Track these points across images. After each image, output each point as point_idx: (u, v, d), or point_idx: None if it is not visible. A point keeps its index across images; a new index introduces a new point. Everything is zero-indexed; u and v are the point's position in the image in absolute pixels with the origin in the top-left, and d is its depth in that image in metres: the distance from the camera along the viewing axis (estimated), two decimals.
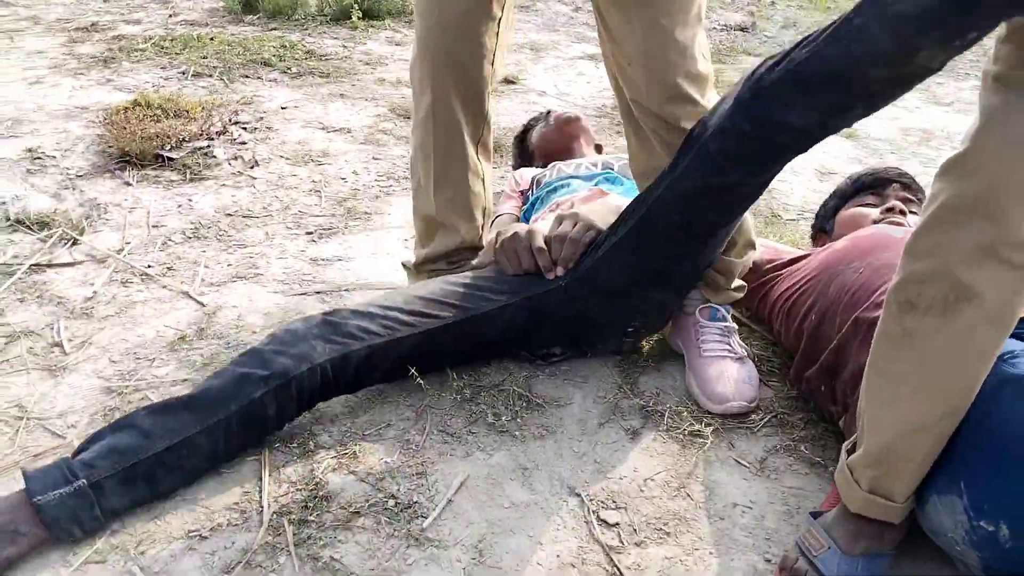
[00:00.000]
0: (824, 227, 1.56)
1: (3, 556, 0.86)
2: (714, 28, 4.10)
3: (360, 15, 3.71)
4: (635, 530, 1.02)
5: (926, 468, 0.89)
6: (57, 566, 0.92)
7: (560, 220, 1.35)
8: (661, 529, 1.02)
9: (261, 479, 1.06)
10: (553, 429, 1.19)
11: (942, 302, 0.83)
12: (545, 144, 1.96)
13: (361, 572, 0.93)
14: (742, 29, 4.06)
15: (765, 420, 1.23)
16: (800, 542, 0.94)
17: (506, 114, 2.67)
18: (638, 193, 1.30)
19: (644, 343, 1.41)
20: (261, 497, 1.03)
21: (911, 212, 1.40)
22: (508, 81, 3.01)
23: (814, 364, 1.16)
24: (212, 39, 3.35)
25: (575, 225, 1.32)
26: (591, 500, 1.06)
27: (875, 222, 1.39)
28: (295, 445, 1.13)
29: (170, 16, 4.01)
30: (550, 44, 3.69)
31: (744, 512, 1.06)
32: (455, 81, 1.29)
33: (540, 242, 1.29)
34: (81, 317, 1.45)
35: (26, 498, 0.89)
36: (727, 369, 1.25)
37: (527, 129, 2.07)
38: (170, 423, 0.98)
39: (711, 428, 1.20)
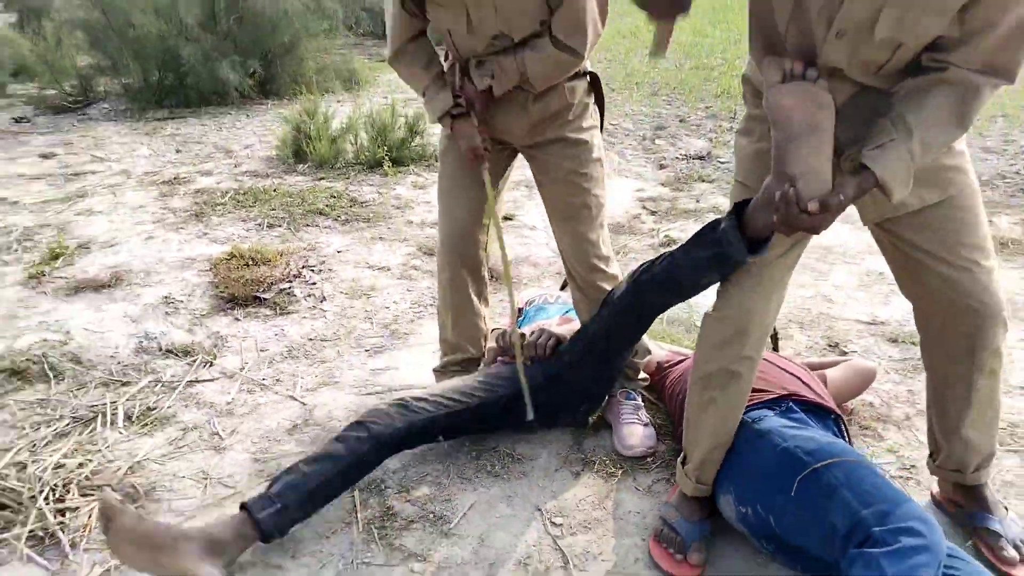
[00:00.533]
0: None
1: (238, 549, 1.62)
2: (676, 158, 4.99)
3: (390, 163, 4.64)
4: (571, 527, 1.78)
5: (716, 469, 1.66)
6: (268, 553, 1.69)
7: (533, 332, 2.16)
8: (587, 526, 1.78)
9: (355, 505, 1.83)
10: (527, 473, 1.96)
11: (723, 382, 1.61)
12: None
13: (416, 551, 1.69)
14: (699, 158, 4.95)
15: (656, 462, 1.99)
16: (662, 516, 1.70)
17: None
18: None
19: (588, 419, 2.19)
20: (356, 515, 1.80)
21: None
22: (506, 218, 3.88)
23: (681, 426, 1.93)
24: (275, 191, 4.27)
25: (540, 337, 2.13)
26: (547, 512, 1.82)
27: None
28: (372, 487, 1.90)
29: (236, 166, 4.98)
30: None
31: (635, 515, 1.81)
32: (462, 263, 2.11)
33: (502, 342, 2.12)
34: (226, 415, 2.25)
35: (248, 516, 1.64)
36: (636, 430, 2.02)
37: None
38: (318, 469, 1.72)
39: (622, 469, 1.96)
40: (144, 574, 1.55)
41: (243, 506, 1.64)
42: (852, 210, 1.48)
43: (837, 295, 2.98)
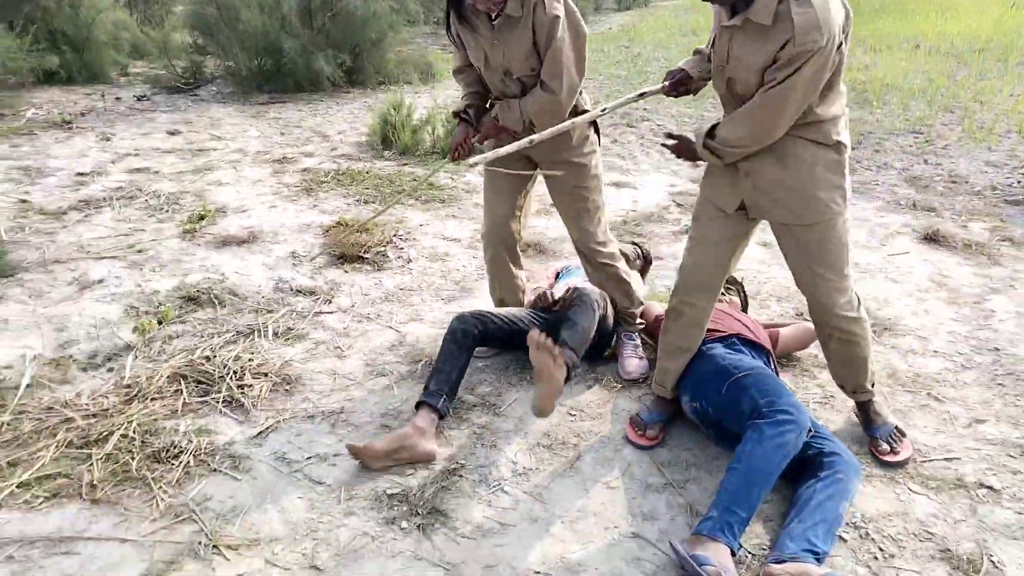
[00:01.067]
0: None
1: (433, 430, 2.42)
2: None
3: None
4: (582, 417, 2.61)
5: (672, 378, 2.47)
6: (383, 420, 2.57)
7: (568, 289, 2.99)
8: (592, 417, 2.61)
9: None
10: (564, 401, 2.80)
11: (672, 317, 2.42)
12: None
13: (477, 422, 2.55)
14: None
15: (646, 383, 2.81)
16: (639, 411, 2.53)
17: (552, 229, 4.33)
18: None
19: (604, 352, 3.00)
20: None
21: (729, 295, 2.97)
22: None
23: None
24: (368, 173, 5.17)
25: (572, 293, 2.96)
26: (567, 406, 2.66)
27: None
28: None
29: (332, 150, 5.90)
30: None
31: (626, 413, 2.64)
32: (503, 246, 2.93)
33: (546, 296, 2.95)
34: (344, 336, 3.14)
35: (430, 407, 2.43)
36: (633, 362, 2.85)
37: None
38: (450, 365, 2.53)
39: (621, 385, 2.79)
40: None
41: (420, 404, 2.46)
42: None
43: None
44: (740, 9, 1.98)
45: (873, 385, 2.46)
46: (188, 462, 2.34)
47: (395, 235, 4.11)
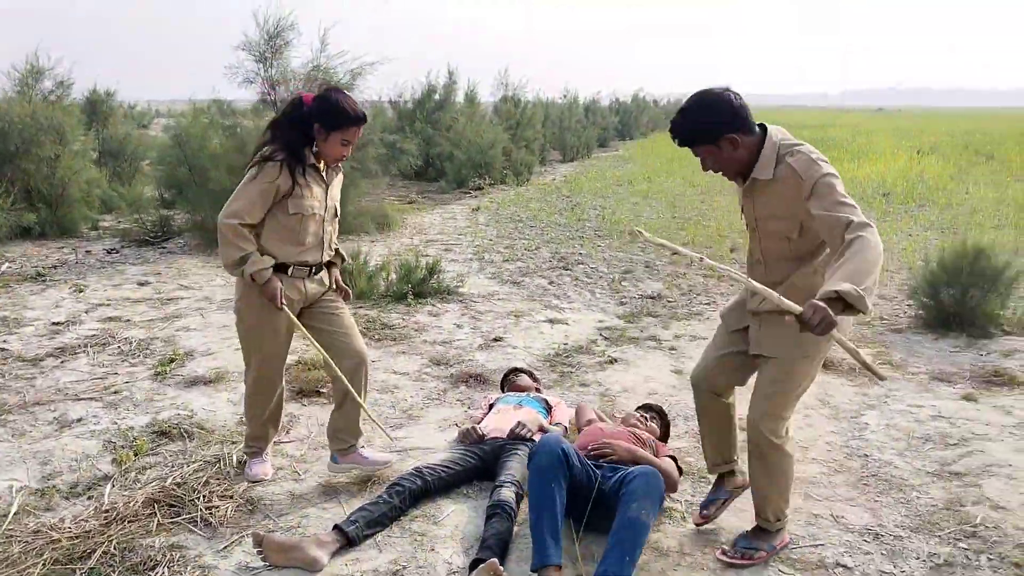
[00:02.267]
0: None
1: (334, 547, 2.79)
2: (634, 297, 6.40)
3: (413, 296, 6.07)
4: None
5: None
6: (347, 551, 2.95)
7: (518, 425, 3.46)
8: (524, 522, 3.03)
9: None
10: (485, 497, 3.21)
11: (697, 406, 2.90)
12: (511, 385, 4.09)
13: (417, 531, 2.94)
14: (652, 297, 6.34)
15: None
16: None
17: (493, 361, 4.85)
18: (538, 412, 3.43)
19: None
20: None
21: (651, 422, 3.47)
22: (496, 339, 5.24)
23: None
24: None
25: (519, 428, 3.43)
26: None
27: (633, 418, 3.44)
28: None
29: None
30: (527, 311, 5.99)
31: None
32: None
33: (477, 430, 3.41)
34: (301, 462, 3.53)
35: (340, 531, 2.79)
36: None
37: (505, 377, 4.20)
38: (379, 507, 2.92)
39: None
40: (284, 567, 2.75)
41: (336, 526, 2.87)
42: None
43: None
44: (746, 174, 2.53)
45: (778, 520, 2.77)
46: (163, 573, 2.68)
47: None
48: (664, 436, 3.60)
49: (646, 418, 3.55)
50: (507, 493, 3.00)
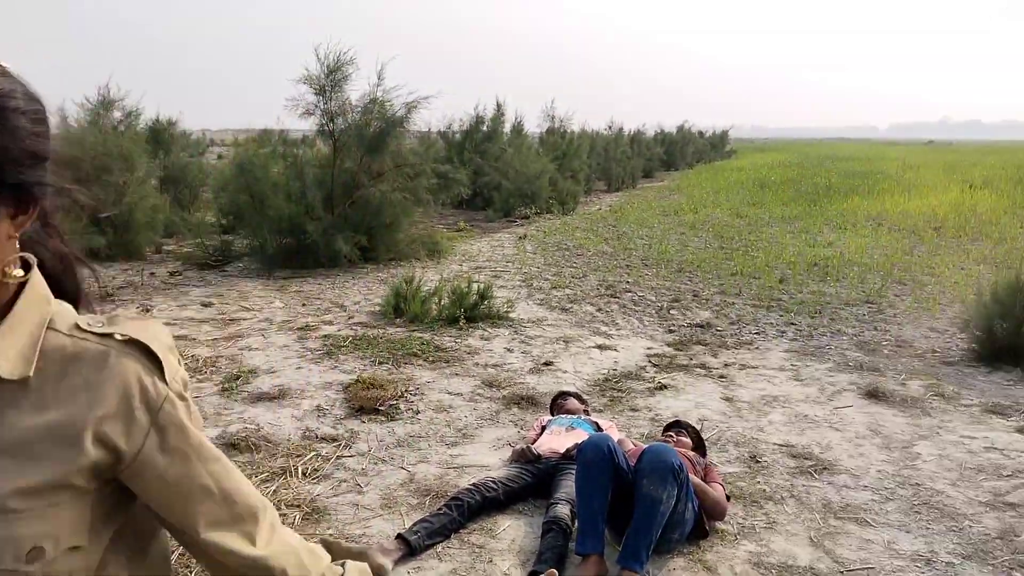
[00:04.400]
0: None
1: (397, 555, 2.96)
2: (683, 325, 6.47)
3: (465, 320, 6.24)
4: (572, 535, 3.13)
5: None
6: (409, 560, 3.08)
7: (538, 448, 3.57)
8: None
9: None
10: (541, 513, 3.32)
11: None
12: (560, 409, 4.20)
13: (479, 544, 3.06)
14: (700, 326, 6.41)
15: None
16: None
17: (543, 384, 4.97)
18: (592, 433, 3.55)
19: None
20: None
21: (680, 437, 3.55)
22: (546, 363, 5.36)
23: None
24: (381, 338, 5.88)
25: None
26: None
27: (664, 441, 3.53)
28: None
29: (349, 318, 6.64)
30: (576, 337, 6.10)
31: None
32: None
33: (533, 449, 3.53)
34: (362, 475, 3.68)
35: (403, 539, 2.97)
36: None
37: (554, 400, 4.32)
38: (440, 519, 3.07)
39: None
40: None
41: (399, 535, 3.01)
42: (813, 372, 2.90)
43: (768, 428, 4.31)
44: None
45: None
46: None
47: (406, 391, 4.74)
48: (699, 449, 3.64)
49: (672, 434, 3.61)
50: (562, 510, 3.10)
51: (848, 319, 6.77)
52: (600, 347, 5.87)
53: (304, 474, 3.67)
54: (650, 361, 5.56)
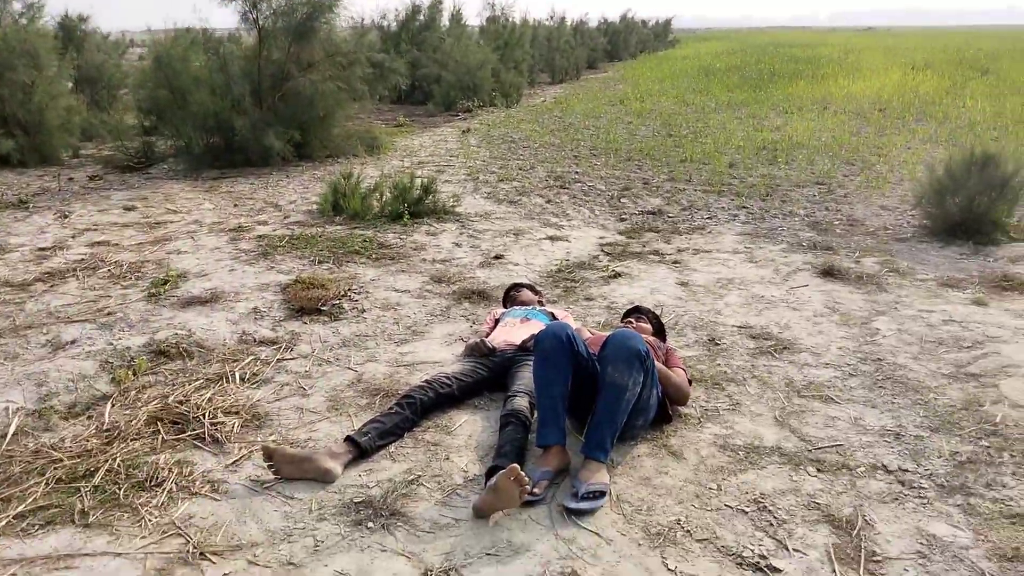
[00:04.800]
0: None
1: (347, 458, 2.74)
2: (634, 213, 6.28)
3: (408, 216, 5.92)
4: (532, 429, 2.97)
5: None
6: (360, 462, 2.88)
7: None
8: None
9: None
10: (498, 406, 3.15)
11: None
12: (513, 301, 3.99)
13: (431, 440, 2.88)
14: (652, 213, 6.22)
15: None
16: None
17: (494, 278, 4.75)
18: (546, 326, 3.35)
19: None
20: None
21: (638, 322, 3.39)
22: (496, 257, 5.13)
23: None
24: (320, 237, 5.54)
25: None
26: None
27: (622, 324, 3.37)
28: None
29: (285, 218, 6.26)
30: (526, 229, 5.86)
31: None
32: None
33: (486, 343, 3.33)
34: (306, 378, 3.45)
35: (352, 441, 2.74)
36: None
37: (507, 293, 4.10)
38: (391, 418, 2.87)
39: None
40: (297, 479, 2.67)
41: (347, 437, 2.80)
42: (763, 261, 2.69)
43: (725, 310, 4.19)
44: None
45: None
46: (171, 488, 2.62)
47: (349, 290, 4.47)
48: (659, 334, 3.50)
49: (632, 320, 3.48)
50: (520, 402, 2.94)
51: (799, 200, 6.67)
52: (551, 238, 5.65)
53: (243, 379, 3.42)
54: (603, 250, 5.37)
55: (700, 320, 4.05)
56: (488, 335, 3.67)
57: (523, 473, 2.34)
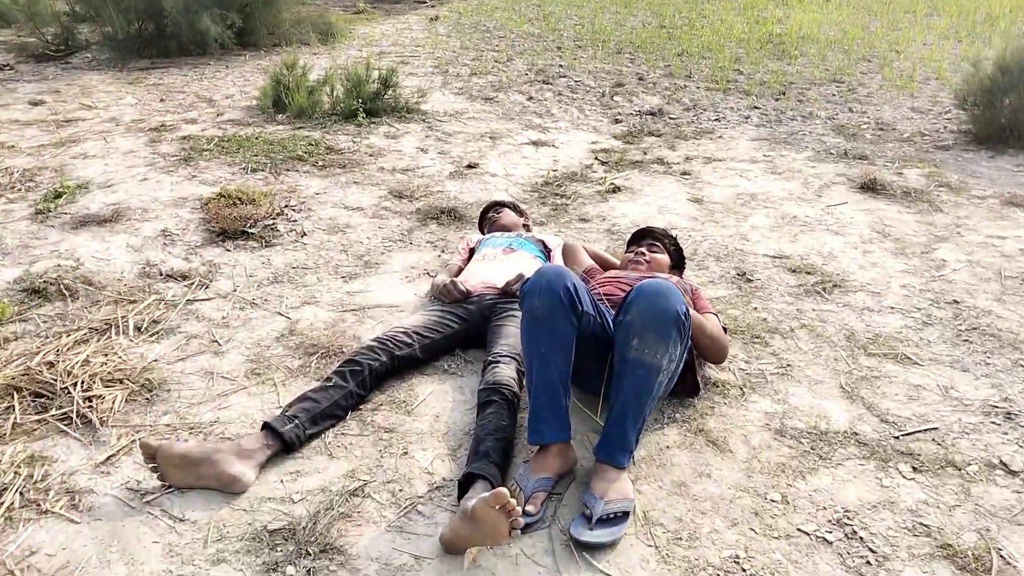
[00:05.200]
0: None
1: (264, 456, 1.93)
2: (630, 114, 5.38)
3: (364, 114, 4.98)
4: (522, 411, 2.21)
5: None
6: (284, 459, 2.10)
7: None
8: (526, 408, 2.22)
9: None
10: (474, 371, 2.38)
11: None
12: (492, 225, 3.15)
13: (384, 425, 2.11)
14: (651, 114, 5.33)
15: None
16: None
17: (467, 192, 3.90)
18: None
19: None
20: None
21: (653, 251, 2.58)
22: (470, 166, 4.26)
23: None
24: (257, 138, 4.60)
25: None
26: None
27: (630, 261, 2.56)
28: None
29: (219, 115, 5.28)
30: (505, 132, 4.96)
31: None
32: None
33: (459, 284, 2.53)
34: (223, 327, 2.64)
35: (271, 431, 1.95)
36: None
37: (484, 214, 3.25)
38: (328, 395, 2.09)
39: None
40: (191, 488, 1.86)
41: (265, 424, 2.01)
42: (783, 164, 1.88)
43: (752, 235, 3.41)
44: None
45: None
46: (12, 503, 1.84)
47: (287, 206, 3.60)
48: (678, 268, 2.72)
49: (643, 250, 2.58)
50: (505, 371, 2.17)
51: (818, 100, 5.80)
52: (535, 143, 4.76)
53: (138, 330, 2.60)
54: (597, 158, 4.51)
55: (723, 248, 3.27)
56: (461, 270, 2.86)
57: (512, 500, 1.59)
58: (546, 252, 2.91)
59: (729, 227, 3.50)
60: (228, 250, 3.20)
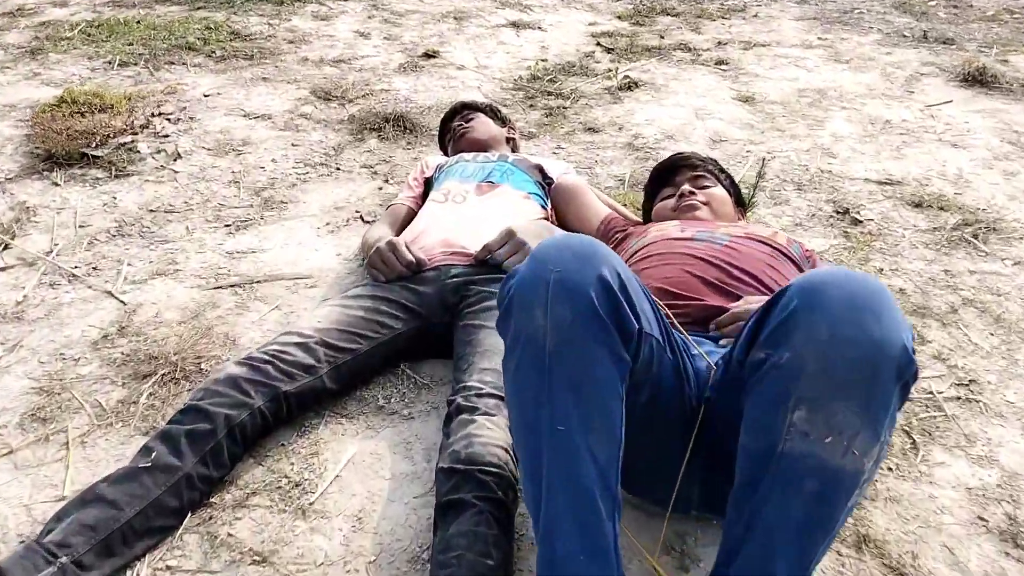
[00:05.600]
0: (649, 218, 1.66)
1: None
2: None
3: None
4: None
5: None
6: None
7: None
8: None
9: None
10: (437, 405, 1.37)
11: None
12: (460, 140, 2.03)
13: (252, 545, 1.10)
14: None
15: None
16: None
17: (424, 91, 2.78)
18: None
19: None
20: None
21: (704, 187, 1.54)
22: (428, 55, 3.11)
23: None
24: (139, 23, 3.39)
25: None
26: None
27: (673, 209, 1.51)
28: None
29: None
30: (474, 11, 3.77)
31: None
32: None
33: (403, 249, 1.46)
34: (12, 321, 1.58)
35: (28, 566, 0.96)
36: None
37: (447, 122, 2.13)
38: (135, 489, 1.07)
39: None
40: None
41: (24, 552, 0.98)
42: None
43: (838, 148, 2.36)
44: None
45: None
46: None
47: (158, 114, 2.46)
48: (741, 204, 1.66)
49: (686, 188, 1.52)
50: (488, 433, 1.13)
51: None
52: (515, 25, 3.60)
53: None
54: (599, 43, 3.38)
55: (802, 169, 2.23)
56: (409, 221, 1.78)
57: None
58: (545, 187, 1.83)
59: (802, 137, 2.44)
60: (56, 183, 2.09)
